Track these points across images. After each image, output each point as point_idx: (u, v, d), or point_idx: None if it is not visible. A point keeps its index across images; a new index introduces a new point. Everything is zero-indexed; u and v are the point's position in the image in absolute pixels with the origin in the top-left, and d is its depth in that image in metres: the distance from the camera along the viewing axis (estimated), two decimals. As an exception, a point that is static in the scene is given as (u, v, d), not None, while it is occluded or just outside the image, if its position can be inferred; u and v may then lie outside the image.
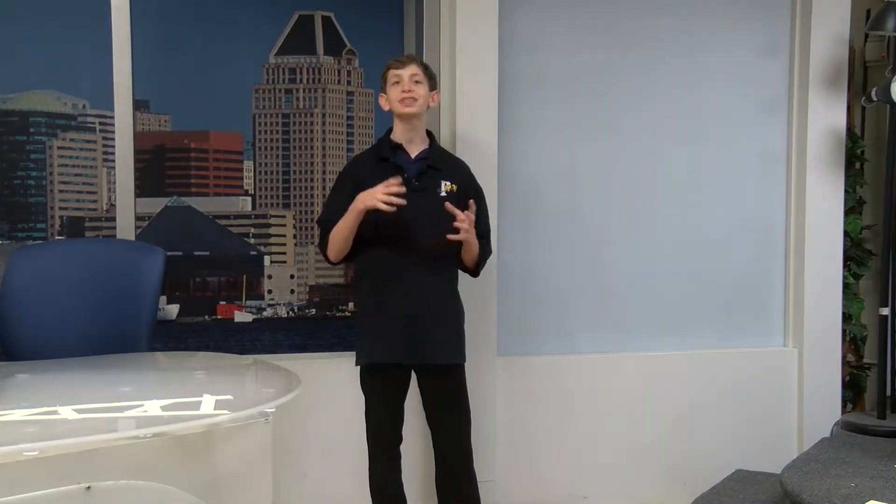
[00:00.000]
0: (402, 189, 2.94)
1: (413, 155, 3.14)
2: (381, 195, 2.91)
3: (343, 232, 3.03)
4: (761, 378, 4.13)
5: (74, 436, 1.94)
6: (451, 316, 3.20)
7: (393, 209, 2.92)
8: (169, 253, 3.48)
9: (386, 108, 3.19)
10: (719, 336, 4.14)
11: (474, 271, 3.23)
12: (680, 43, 4.06)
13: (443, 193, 3.11)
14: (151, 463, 2.14)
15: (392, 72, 3.13)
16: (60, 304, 3.26)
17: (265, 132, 4.05)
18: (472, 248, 3.11)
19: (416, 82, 3.11)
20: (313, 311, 4.08)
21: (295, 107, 4.07)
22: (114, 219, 3.76)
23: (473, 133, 3.73)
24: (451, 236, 2.99)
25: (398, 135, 3.16)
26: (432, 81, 3.17)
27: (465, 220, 2.99)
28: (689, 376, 4.06)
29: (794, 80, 4.16)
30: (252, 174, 4.05)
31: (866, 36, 4.40)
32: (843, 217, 4.19)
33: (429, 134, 3.21)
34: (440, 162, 3.17)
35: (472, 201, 3.07)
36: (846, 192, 4.23)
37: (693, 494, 3.55)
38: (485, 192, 3.27)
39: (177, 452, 2.20)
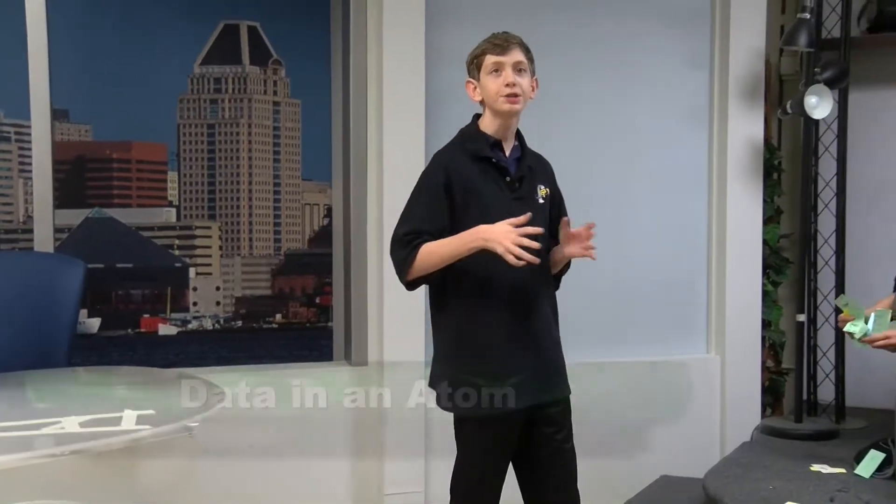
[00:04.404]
0: (539, 230, 2.44)
1: (507, 153, 2.64)
2: (513, 246, 2.37)
3: (442, 260, 2.49)
4: (686, 385, 4.19)
5: (-12, 455, 1.89)
6: (559, 341, 2.82)
7: (523, 264, 2.38)
8: (90, 265, 3.41)
9: (477, 98, 2.62)
10: (645, 345, 4.19)
11: (557, 284, 2.85)
12: (603, 54, 4.10)
13: (541, 200, 2.66)
14: (72, 481, 2.09)
15: (491, 58, 2.58)
16: (-25, 319, 3.17)
17: (190, 142, 3.99)
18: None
19: (520, 71, 2.58)
20: (240, 322, 4.03)
21: (220, 117, 4.02)
22: (31, 231, 3.67)
23: (401, 144, 3.72)
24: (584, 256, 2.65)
25: (495, 130, 2.60)
26: (533, 65, 2.65)
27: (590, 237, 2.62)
28: (615, 384, 4.10)
29: (715, 92, 4.25)
30: (177, 185, 3.98)
31: (781, 51, 4.52)
32: (762, 226, 4.29)
33: None
34: (535, 161, 2.70)
35: (564, 218, 2.66)
36: (765, 201, 4.33)
37: (619, 501, 3.59)
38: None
39: (98, 470, 2.15)
